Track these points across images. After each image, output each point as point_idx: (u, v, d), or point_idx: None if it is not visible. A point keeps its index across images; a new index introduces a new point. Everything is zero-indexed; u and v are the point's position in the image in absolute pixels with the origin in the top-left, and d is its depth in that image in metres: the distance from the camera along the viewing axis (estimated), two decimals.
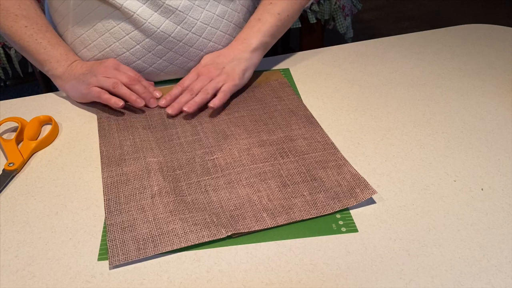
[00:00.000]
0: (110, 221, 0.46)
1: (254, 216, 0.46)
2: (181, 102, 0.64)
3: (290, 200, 0.48)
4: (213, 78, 0.66)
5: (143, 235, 0.45)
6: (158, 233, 0.45)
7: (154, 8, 0.64)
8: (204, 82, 0.65)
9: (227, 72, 0.66)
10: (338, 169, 0.52)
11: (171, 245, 0.44)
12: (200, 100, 0.63)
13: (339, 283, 0.40)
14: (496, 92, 0.67)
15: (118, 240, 0.44)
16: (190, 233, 0.45)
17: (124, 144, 0.58)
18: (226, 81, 0.65)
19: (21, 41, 0.66)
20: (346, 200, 0.48)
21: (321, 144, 0.56)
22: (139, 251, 0.43)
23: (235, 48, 0.69)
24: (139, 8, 0.64)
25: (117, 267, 0.42)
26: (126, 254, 0.43)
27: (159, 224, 0.46)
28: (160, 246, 0.44)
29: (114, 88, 0.63)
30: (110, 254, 0.43)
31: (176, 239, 0.44)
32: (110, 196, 0.50)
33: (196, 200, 0.49)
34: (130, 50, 0.67)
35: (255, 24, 0.70)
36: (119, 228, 0.46)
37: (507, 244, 0.43)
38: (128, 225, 0.46)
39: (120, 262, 0.42)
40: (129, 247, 0.44)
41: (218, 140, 0.58)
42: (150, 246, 0.44)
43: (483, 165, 0.53)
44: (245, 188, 0.50)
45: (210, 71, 0.66)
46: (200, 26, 0.68)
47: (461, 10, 2.81)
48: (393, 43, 0.84)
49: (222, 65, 0.67)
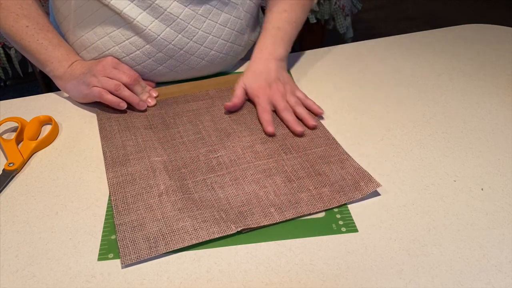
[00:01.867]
0: (119, 221, 0.47)
1: (262, 212, 0.47)
2: (291, 120, 0.60)
3: (296, 194, 0.49)
4: (282, 93, 0.64)
5: (154, 233, 0.45)
6: (168, 231, 0.45)
7: (154, 15, 0.64)
8: (284, 99, 0.63)
9: (287, 82, 0.66)
10: (341, 164, 0.52)
11: (182, 242, 0.44)
12: (305, 112, 0.61)
13: (339, 283, 0.40)
14: (496, 92, 0.67)
15: (129, 239, 0.44)
16: (200, 230, 0.45)
17: (127, 145, 0.58)
18: (293, 89, 0.65)
19: (22, 41, 0.65)
20: (352, 193, 0.48)
21: (322, 139, 0.57)
22: (150, 249, 0.43)
23: (269, 60, 0.67)
24: (139, 14, 0.63)
25: (128, 265, 0.42)
26: (137, 252, 0.43)
27: (169, 222, 0.46)
28: (171, 243, 0.44)
29: (116, 91, 0.63)
30: (122, 254, 0.43)
31: (186, 236, 0.44)
32: (117, 196, 0.50)
33: (204, 198, 0.49)
34: (130, 55, 0.67)
35: (276, 33, 0.69)
36: (128, 227, 0.46)
37: (507, 244, 0.43)
38: (137, 224, 0.46)
39: (132, 261, 0.42)
40: (140, 245, 0.44)
41: (221, 138, 0.58)
42: (161, 244, 0.44)
43: (483, 165, 0.53)
44: (251, 185, 0.51)
45: (278, 89, 0.64)
46: (201, 35, 0.67)
47: (461, 10, 2.81)
48: (393, 43, 0.84)
49: (278, 79, 0.65)
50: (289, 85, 0.65)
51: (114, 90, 0.63)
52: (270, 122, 0.60)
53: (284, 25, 0.70)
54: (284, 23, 0.70)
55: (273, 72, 0.66)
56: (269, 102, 0.63)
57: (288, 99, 0.63)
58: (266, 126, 0.59)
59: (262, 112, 0.61)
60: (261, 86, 0.64)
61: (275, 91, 0.64)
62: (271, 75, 0.66)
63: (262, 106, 0.62)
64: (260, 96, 0.63)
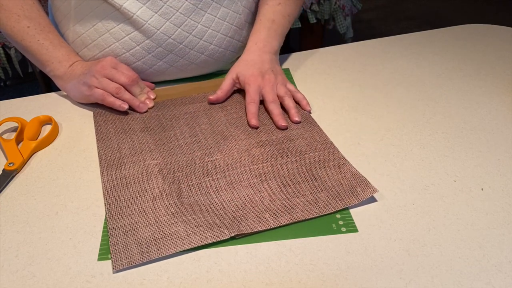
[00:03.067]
0: (112, 225, 0.46)
1: (256, 217, 0.46)
2: (276, 113, 0.61)
3: (291, 200, 0.48)
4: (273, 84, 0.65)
5: (146, 238, 0.44)
6: (161, 236, 0.45)
7: (154, 9, 0.64)
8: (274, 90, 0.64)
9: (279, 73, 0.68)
10: (339, 168, 0.52)
11: (174, 247, 0.43)
12: (293, 105, 0.63)
13: (339, 283, 0.40)
14: (496, 92, 0.67)
15: (121, 244, 0.44)
16: (193, 235, 0.44)
17: (122, 147, 0.58)
18: (284, 81, 0.67)
19: (23, 41, 0.66)
20: (348, 199, 0.48)
21: (320, 143, 0.57)
22: (142, 254, 0.43)
23: (263, 52, 0.69)
24: (139, 9, 0.64)
25: (120, 271, 0.42)
26: (129, 258, 0.43)
27: (162, 227, 0.46)
28: (163, 249, 0.43)
29: (117, 94, 0.63)
30: (114, 259, 0.43)
31: (179, 241, 0.44)
32: (111, 200, 0.49)
33: (198, 202, 0.49)
34: (130, 51, 0.67)
35: (270, 26, 0.70)
36: (121, 232, 0.45)
37: (507, 244, 0.43)
38: (130, 228, 0.46)
39: (123, 266, 0.42)
40: (132, 250, 0.43)
41: (217, 141, 0.58)
42: (153, 249, 0.43)
43: (483, 165, 0.53)
44: (247, 189, 0.50)
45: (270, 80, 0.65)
46: (200, 29, 0.67)
47: (461, 10, 2.81)
48: (393, 43, 0.84)
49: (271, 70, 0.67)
50: (281, 77, 0.67)
51: (114, 93, 0.63)
52: (255, 115, 0.61)
53: (279, 17, 0.71)
54: (278, 16, 0.71)
55: (266, 63, 0.67)
56: (259, 92, 0.64)
57: (278, 90, 0.65)
58: (250, 118, 0.61)
59: (249, 103, 0.63)
60: (254, 74, 0.65)
61: (267, 81, 0.65)
62: (265, 66, 0.67)
63: (251, 96, 0.63)
64: (251, 84, 0.64)
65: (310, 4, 1.69)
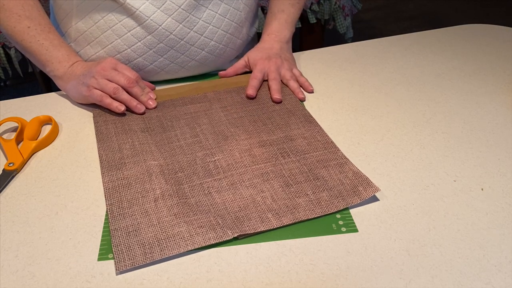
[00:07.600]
0: (114, 226, 0.46)
1: (259, 217, 0.46)
2: (274, 89, 0.67)
3: (294, 200, 0.48)
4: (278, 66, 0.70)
5: (149, 239, 0.44)
6: (164, 237, 0.44)
7: (157, 5, 0.65)
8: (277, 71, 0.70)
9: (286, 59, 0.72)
10: (340, 168, 0.52)
11: (177, 248, 0.43)
12: (297, 86, 0.68)
13: (339, 283, 0.40)
14: (496, 92, 0.67)
15: (124, 245, 0.44)
16: (196, 236, 0.44)
17: (123, 148, 0.58)
18: (291, 66, 0.72)
19: (23, 41, 0.66)
20: (350, 198, 0.48)
21: (321, 143, 0.57)
22: (145, 255, 0.43)
23: (274, 41, 0.74)
24: (142, 4, 0.64)
25: (122, 272, 0.42)
26: (132, 259, 0.43)
27: (164, 228, 0.45)
28: (166, 250, 0.43)
29: (114, 94, 0.63)
30: (116, 260, 0.42)
31: (182, 242, 0.44)
32: (112, 200, 0.49)
33: (200, 202, 0.49)
34: (131, 47, 0.67)
35: (281, 16, 0.76)
36: (123, 233, 0.45)
37: (507, 244, 0.43)
38: (132, 229, 0.46)
39: (127, 267, 0.42)
40: (135, 251, 0.43)
41: (218, 142, 0.58)
42: (156, 250, 0.43)
43: (483, 165, 0.53)
44: (248, 189, 0.50)
45: (276, 63, 0.70)
46: (202, 25, 0.68)
47: (461, 10, 2.81)
48: (393, 43, 0.84)
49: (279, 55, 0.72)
50: (288, 62, 0.72)
51: (112, 94, 0.63)
52: (254, 87, 0.67)
53: (288, 7, 0.76)
54: (287, 6, 0.76)
55: (276, 50, 0.73)
56: (263, 72, 0.70)
57: (284, 73, 0.70)
58: (248, 89, 0.67)
59: (251, 79, 0.69)
60: (262, 57, 0.72)
61: (272, 63, 0.70)
62: (273, 51, 0.73)
63: (254, 74, 0.69)
64: (257, 65, 0.71)
65: (310, 4, 1.69)
